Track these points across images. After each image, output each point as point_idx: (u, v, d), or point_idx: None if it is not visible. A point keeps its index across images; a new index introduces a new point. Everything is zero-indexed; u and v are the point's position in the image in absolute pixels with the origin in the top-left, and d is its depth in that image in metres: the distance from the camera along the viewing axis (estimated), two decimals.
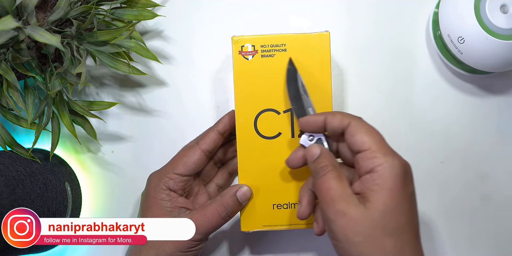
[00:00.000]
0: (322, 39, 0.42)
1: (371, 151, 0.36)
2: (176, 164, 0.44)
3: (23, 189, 0.41)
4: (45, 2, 0.45)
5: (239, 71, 0.42)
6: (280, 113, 0.42)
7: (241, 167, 0.42)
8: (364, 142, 0.36)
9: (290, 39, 0.42)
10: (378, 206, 0.34)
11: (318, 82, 0.42)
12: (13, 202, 0.40)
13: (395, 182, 0.35)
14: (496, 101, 0.50)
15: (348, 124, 0.37)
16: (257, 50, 0.42)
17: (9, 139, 0.44)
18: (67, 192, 0.47)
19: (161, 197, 0.43)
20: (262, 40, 0.42)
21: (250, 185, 0.42)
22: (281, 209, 0.42)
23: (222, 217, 0.42)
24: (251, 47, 0.42)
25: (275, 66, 0.42)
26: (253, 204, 0.43)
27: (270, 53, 0.42)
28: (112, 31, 0.43)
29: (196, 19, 0.51)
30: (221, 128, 0.45)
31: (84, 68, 0.42)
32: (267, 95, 0.42)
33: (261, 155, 0.42)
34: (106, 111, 0.50)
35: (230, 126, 0.45)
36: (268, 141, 0.42)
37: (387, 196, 0.34)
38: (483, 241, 0.49)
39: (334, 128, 0.38)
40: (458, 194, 0.50)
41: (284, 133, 0.42)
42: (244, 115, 0.42)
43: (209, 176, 0.48)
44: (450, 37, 0.45)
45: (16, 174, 0.42)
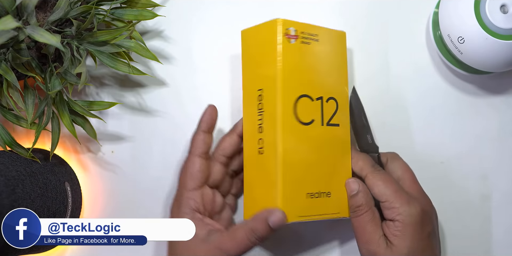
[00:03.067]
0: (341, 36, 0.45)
1: (389, 202, 0.41)
2: (184, 182, 0.43)
3: (23, 189, 0.41)
4: (45, 2, 0.45)
5: (286, 54, 0.41)
6: (314, 100, 0.42)
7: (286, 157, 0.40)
8: (381, 194, 0.41)
9: (322, 31, 0.43)
10: (402, 250, 0.40)
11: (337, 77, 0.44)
12: (13, 202, 0.40)
13: (414, 228, 0.40)
14: (496, 101, 0.50)
15: (365, 176, 0.43)
16: (298, 36, 0.42)
17: (9, 139, 0.44)
18: (67, 192, 0.47)
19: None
20: (302, 27, 0.42)
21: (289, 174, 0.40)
22: (313, 198, 0.42)
23: (252, 242, 0.40)
24: (294, 31, 0.42)
25: (310, 54, 0.42)
26: (289, 193, 0.40)
27: (308, 41, 0.42)
28: (112, 31, 0.43)
29: (196, 19, 0.51)
30: (203, 126, 0.44)
31: (84, 68, 0.42)
32: (305, 82, 0.42)
33: (299, 142, 0.41)
34: (106, 111, 0.50)
35: (211, 121, 0.45)
36: (304, 127, 0.42)
37: (409, 241, 0.40)
38: (483, 241, 0.49)
39: (356, 173, 0.44)
40: (458, 194, 0.50)
41: (316, 120, 0.42)
42: (288, 100, 0.41)
43: (226, 188, 0.46)
44: (450, 37, 0.45)
45: (16, 174, 0.42)
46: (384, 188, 0.41)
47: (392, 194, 0.41)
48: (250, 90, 0.43)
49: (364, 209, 0.41)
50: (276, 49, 0.41)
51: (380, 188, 0.41)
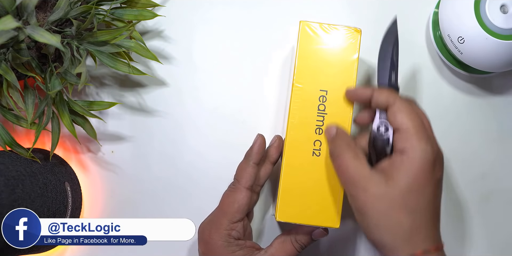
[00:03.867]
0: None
1: (407, 132, 0.37)
2: (229, 213, 0.43)
3: (23, 189, 0.41)
4: (45, 2, 0.45)
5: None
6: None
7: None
8: (403, 122, 0.37)
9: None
10: (400, 185, 0.36)
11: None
12: (13, 202, 0.40)
13: (422, 165, 0.36)
14: (496, 101, 0.50)
15: (393, 102, 0.39)
16: None
17: (9, 139, 0.44)
18: (67, 192, 0.47)
19: (232, 250, 0.42)
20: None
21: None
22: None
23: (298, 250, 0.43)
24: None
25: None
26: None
27: None
28: (112, 31, 0.43)
29: (196, 19, 0.51)
30: (255, 159, 0.44)
31: (84, 68, 0.42)
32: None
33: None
34: (106, 111, 0.50)
35: (262, 153, 0.44)
36: None
37: (411, 177, 0.36)
38: (483, 241, 0.49)
39: (378, 103, 0.40)
40: (458, 194, 0.50)
41: None
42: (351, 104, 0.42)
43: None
44: (450, 37, 0.45)
45: (16, 174, 0.42)
46: (408, 118, 0.38)
47: (415, 126, 0.37)
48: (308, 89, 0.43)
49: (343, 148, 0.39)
50: (353, 56, 0.43)
51: (403, 115, 0.38)
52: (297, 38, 0.43)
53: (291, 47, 0.50)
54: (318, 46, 0.43)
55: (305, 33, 0.43)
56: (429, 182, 0.36)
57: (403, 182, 0.36)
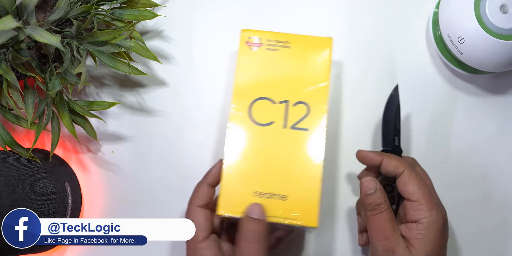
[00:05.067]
0: (326, 43, 0.44)
1: (419, 203, 0.41)
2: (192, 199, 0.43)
3: (23, 189, 0.41)
4: (45, 2, 0.45)
5: (242, 59, 0.43)
6: (276, 103, 0.43)
7: (228, 149, 0.42)
8: (414, 193, 0.41)
9: (295, 38, 0.44)
10: (420, 252, 0.40)
11: (315, 80, 0.43)
12: (13, 202, 0.40)
13: (436, 234, 0.41)
14: (496, 101, 0.50)
15: (402, 172, 0.42)
16: (262, 43, 0.44)
17: (9, 139, 0.44)
18: (67, 192, 0.47)
19: None
20: (268, 35, 0.44)
21: (233, 168, 0.42)
22: (262, 198, 0.41)
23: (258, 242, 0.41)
24: (257, 40, 0.44)
25: (277, 60, 0.43)
26: (233, 188, 0.42)
27: (274, 48, 0.44)
28: (112, 31, 0.43)
29: (196, 19, 0.51)
30: (210, 181, 0.44)
31: (84, 68, 0.42)
32: (265, 85, 0.43)
33: (250, 140, 0.42)
34: (106, 111, 0.50)
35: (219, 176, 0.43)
36: (260, 128, 0.42)
37: (429, 246, 0.40)
38: (482, 241, 0.49)
39: (388, 171, 0.43)
40: (458, 194, 0.50)
41: (276, 122, 0.42)
42: (240, 100, 0.43)
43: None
44: (450, 37, 0.45)
45: (16, 174, 0.42)
46: (418, 188, 0.41)
47: (424, 195, 0.41)
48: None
49: (384, 206, 0.42)
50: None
51: (414, 187, 0.42)
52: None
53: None
54: None
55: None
56: (441, 246, 0.41)
57: (423, 252, 0.40)
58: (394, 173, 0.43)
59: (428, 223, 0.41)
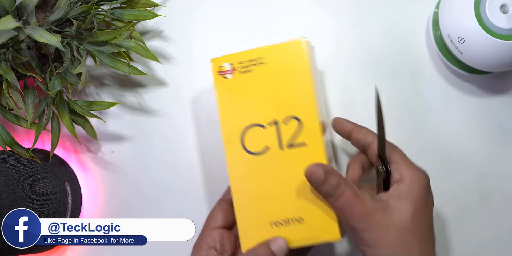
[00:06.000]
0: (296, 47, 0.40)
1: (397, 163, 0.39)
2: (206, 221, 0.43)
3: (23, 189, 0.41)
4: (45, 2, 0.45)
5: (220, 91, 0.41)
6: (266, 127, 0.41)
7: (234, 187, 0.41)
8: (391, 156, 0.40)
9: (265, 51, 0.41)
10: (405, 214, 0.37)
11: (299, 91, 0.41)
12: (13, 202, 0.40)
13: (420, 193, 0.38)
14: (496, 101, 0.50)
15: (372, 140, 0.41)
16: (235, 68, 0.41)
17: (9, 139, 0.44)
18: (67, 192, 0.47)
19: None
20: (238, 57, 0.41)
21: (244, 202, 0.40)
22: (279, 227, 0.40)
23: None
24: (229, 66, 0.41)
25: (255, 81, 0.41)
26: (250, 223, 0.40)
27: (248, 69, 0.41)
28: (112, 31, 0.43)
29: (196, 19, 0.51)
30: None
31: (84, 68, 0.42)
32: (250, 111, 0.41)
33: (252, 172, 0.41)
34: (106, 111, 0.50)
35: None
36: (257, 158, 0.41)
37: (414, 205, 0.37)
38: (483, 241, 0.49)
39: (357, 140, 0.42)
40: (458, 194, 0.50)
41: (272, 147, 0.40)
42: (230, 133, 0.41)
43: None
44: (450, 37, 0.45)
45: (16, 174, 0.42)
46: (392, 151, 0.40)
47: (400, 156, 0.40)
48: None
49: (341, 185, 0.37)
50: None
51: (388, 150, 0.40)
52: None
53: None
54: None
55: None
56: (427, 206, 0.38)
57: (406, 210, 0.37)
58: (364, 143, 0.41)
59: (411, 182, 0.38)
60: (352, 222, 0.37)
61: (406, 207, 0.37)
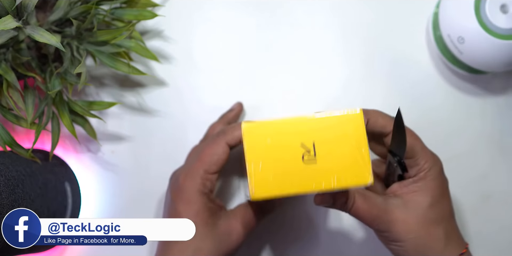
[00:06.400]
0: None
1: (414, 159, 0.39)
2: (208, 163, 0.41)
3: (23, 189, 0.41)
4: (45, 2, 0.45)
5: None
6: None
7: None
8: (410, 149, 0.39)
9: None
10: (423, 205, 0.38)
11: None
12: (13, 202, 0.40)
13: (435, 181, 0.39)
14: (496, 101, 0.50)
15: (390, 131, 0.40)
16: None
17: (9, 139, 0.44)
18: (67, 192, 0.47)
19: (203, 201, 0.41)
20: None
21: None
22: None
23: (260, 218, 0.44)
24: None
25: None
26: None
27: None
28: (112, 31, 0.43)
29: (196, 19, 0.51)
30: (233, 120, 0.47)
31: (84, 68, 0.42)
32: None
33: None
34: (106, 111, 0.50)
35: (237, 120, 0.48)
36: None
37: (430, 195, 0.38)
38: (483, 241, 0.49)
39: (374, 131, 0.40)
40: (458, 194, 0.50)
41: None
42: None
43: None
44: (450, 37, 0.45)
45: (16, 174, 0.42)
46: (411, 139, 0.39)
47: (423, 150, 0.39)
48: None
49: (351, 199, 0.37)
50: None
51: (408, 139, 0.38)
52: None
53: (289, 47, 0.50)
54: None
55: None
56: (445, 189, 0.39)
57: (424, 202, 0.38)
58: (381, 133, 0.40)
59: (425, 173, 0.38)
60: (371, 225, 0.38)
61: (423, 199, 0.38)
